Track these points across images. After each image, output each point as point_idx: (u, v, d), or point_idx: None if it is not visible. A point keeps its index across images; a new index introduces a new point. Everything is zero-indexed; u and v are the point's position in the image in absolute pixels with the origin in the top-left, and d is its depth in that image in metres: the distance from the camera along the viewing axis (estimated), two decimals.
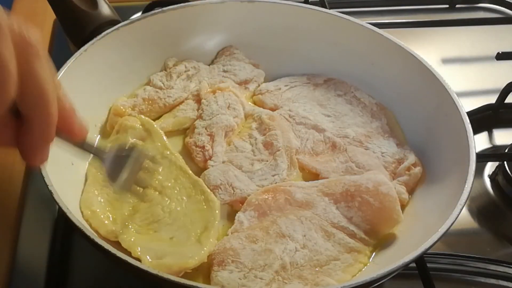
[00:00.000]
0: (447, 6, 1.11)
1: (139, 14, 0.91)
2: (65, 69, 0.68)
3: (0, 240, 0.67)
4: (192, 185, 0.66)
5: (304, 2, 0.93)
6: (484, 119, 0.87)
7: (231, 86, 0.79)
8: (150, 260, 0.57)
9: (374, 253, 0.64)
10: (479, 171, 0.80)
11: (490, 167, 0.81)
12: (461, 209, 0.58)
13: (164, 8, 0.80)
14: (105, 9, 0.77)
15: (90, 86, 0.73)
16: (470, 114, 0.69)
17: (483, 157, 0.82)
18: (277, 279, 0.58)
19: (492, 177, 0.80)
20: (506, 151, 0.79)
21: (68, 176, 0.65)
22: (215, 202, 0.63)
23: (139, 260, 0.57)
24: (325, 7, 0.92)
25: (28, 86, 0.40)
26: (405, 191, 0.69)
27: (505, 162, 0.77)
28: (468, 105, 0.79)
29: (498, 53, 0.88)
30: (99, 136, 0.74)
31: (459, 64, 1.01)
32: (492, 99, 0.88)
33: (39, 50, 0.41)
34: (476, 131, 0.68)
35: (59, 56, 0.70)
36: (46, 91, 0.41)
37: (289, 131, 0.74)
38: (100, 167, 0.62)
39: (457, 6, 1.10)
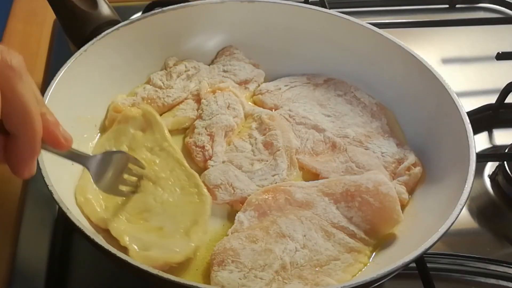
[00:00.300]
0: (447, 6, 1.11)
1: (139, 14, 0.91)
2: (65, 69, 0.68)
3: (0, 240, 0.67)
4: (187, 178, 0.66)
5: (304, 2, 0.93)
6: (484, 119, 0.87)
7: (231, 86, 0.79)
8: (137, 250, 0.58)
9: (374, 253, 0.64)
10: (479, 171, 0.80)
11: (490, 167, 0.81)
12: (461, 209, 0.58)
13: (164, 8, 0.80)
14: (105, 9, 0.77)
15: (90, 86, 0.73)
16: (470, 114, 0.69)
17: (483, 157, 0.82)
18: (277, 279, 0.58)
19: (492, 177, 0.80)
20: (506, 151, 0.79)
21: (68, 176, 0.65)
22: (207, 197, 0.64)
23: (126, 249, 0.58)
24: (325, 7, 0.92)
25: (13, 106, 0.44)
26: (405, 191, 0.69)
27: (505, 162, 0.77)
28: (468, 105, 0.79)
29: (498, 53, 0.88)
30: (99, 134, 0.73)
31: (459, 64, 1.01)
32: (492, 99, 0.88)
33: (21, 72, 0.44)
34: (476, 131, 0.68)
35: (59, 56, 0.70)
36: (30, 109, 0.44)
37: (289, 131, 0.74)
38: None
39: (457, 6, 1.10)
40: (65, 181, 0.63)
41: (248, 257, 0.59)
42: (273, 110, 0.79)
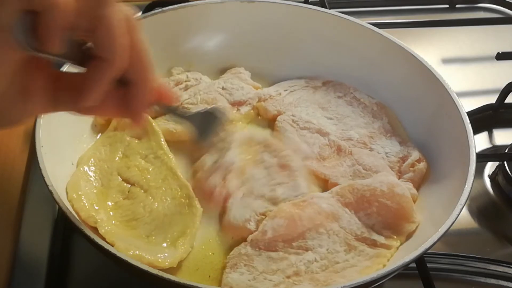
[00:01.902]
0: (447, 6, 1.11)
1: (139, 14, 0.91)
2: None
3: (1, 240, 0.67)
4: (179, 188, 0.65)
5: (304, 2, 0.93)
6: (484, 119, 0.87)
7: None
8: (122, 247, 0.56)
9: None
10: (479, 171, 0.80)
11: (490, 167, 0.81)
12: (461, 209, 0.58)
13: (164, 8, 0.80)
14: None
15: None
16: (470, 114, 0.69)
17: (483, 157, 0.82)
18: (287, 281, 0.58)
19: (492, 177, 0.80)
20: (506, 151, 0.79)
21: (68, 176, 0.65)
22: (198, 209, 0.62)
23: (112, 244, 0.56)
24: (325, 7, 0.92)
25: (136, 53, 0.48)
26: (412, 187, 0.68)
27: (505, 162, 0.77)
28: (468, 105, 0.79)
29: (498, 53, 0.88)
30: (99, 134, 0.73)
31: (459, 64, 1.01)
32: (492, 99, 0.88)
33: (138, 25, 0.48)
34: (476, 131, 0.68)
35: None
36: (148, 57, 0.49)
37: (298, 143, 0.73)
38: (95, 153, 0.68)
39: (457, 6, 1.11)
40: (65, 181, 0.63)
41: (262, 263, 0.59)
42: (277, 116, 0.77)
